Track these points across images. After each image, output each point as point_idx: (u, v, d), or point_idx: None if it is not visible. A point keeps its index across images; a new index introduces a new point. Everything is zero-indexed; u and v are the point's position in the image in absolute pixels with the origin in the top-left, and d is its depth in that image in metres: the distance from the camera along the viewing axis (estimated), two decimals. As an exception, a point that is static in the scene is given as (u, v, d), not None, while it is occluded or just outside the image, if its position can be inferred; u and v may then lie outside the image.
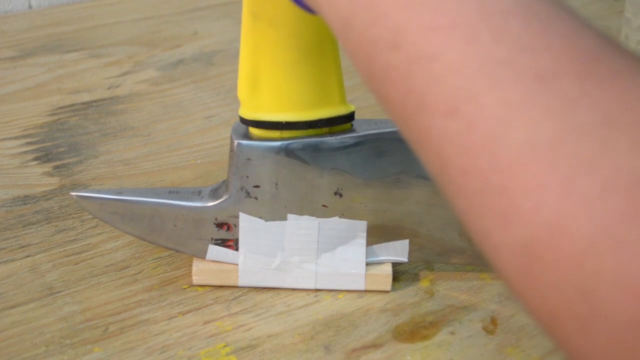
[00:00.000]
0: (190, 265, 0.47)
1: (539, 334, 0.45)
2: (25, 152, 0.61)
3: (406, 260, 0.47)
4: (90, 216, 0.52)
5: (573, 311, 0.24)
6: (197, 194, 0.46)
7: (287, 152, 0.44)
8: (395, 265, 0.48)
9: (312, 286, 0.47)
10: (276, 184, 0.44)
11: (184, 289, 0.47)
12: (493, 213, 0.26)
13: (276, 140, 0.44)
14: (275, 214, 0.45)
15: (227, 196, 0.45)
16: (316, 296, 0.47)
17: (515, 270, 0.26)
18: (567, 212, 0.24)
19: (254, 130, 0.45)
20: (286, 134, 0.44)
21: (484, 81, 0.26)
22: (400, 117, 0.29)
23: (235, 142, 0.44)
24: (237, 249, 0.46)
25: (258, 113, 0.43)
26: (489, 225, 0.26)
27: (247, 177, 0.44)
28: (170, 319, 0.45)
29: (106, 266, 0.49)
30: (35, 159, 0.60)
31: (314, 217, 0.45)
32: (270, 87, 0.43)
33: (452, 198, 0.28)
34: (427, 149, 0.28)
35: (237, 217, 0.45)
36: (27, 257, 0.50)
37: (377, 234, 0.46)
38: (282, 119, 0.43)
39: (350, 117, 0.44)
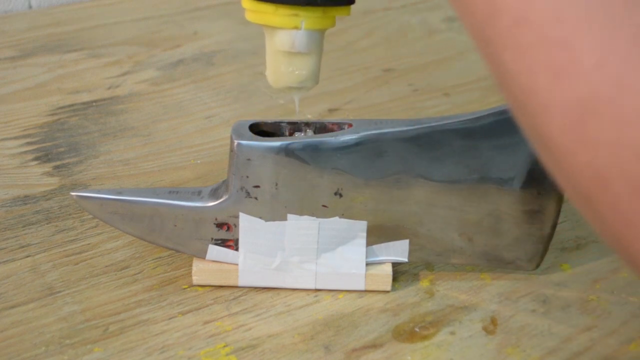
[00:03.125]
0: (190, 265, 0.47)
1: (539, 334, 0.45)
2: (25, 152, 0.61)
3: (406, 260, 0.47)
4: (90, 216, 0.52)
5: (626, 172, 0.23)
6: (197, 194, 0.46)
7: (287, 152, 0.44)
8: (395, 265, 0.48)
9: (312, 286, 0.47)
10: (276, 184, 0.44)
11: (184, 289, 0.47)
12: (547, 68, 0.24)
13: (276, 140, 0.44)
14: (275, 214, 0.45)
15: (227, 196, 0.45)
16: (316, 296, 0.47)
17: (564, 129, 0.24)
18: (635, 65, 0.22)
19: (245, 3, 0.42)
20: (282, 10, 0.41)
21: None
22: None
23: (235, 142, 0.44)
24: (237, 249, 0.46)
25: None
26: (539, 81, 0.24)
27: (247, 177, 0.44)
28: (170, 319, 0.45)
29: (106, 266, 0.49)
30: (35, 159, 0.60)
31: (314, 217, 0.45)
32: None
33: (496, 53, 0.26)
34: None
35: (237, 217, 0.45)
36: (27, 257, 0.50)
37: (377, 234, 0.46)
38: None
39: None
